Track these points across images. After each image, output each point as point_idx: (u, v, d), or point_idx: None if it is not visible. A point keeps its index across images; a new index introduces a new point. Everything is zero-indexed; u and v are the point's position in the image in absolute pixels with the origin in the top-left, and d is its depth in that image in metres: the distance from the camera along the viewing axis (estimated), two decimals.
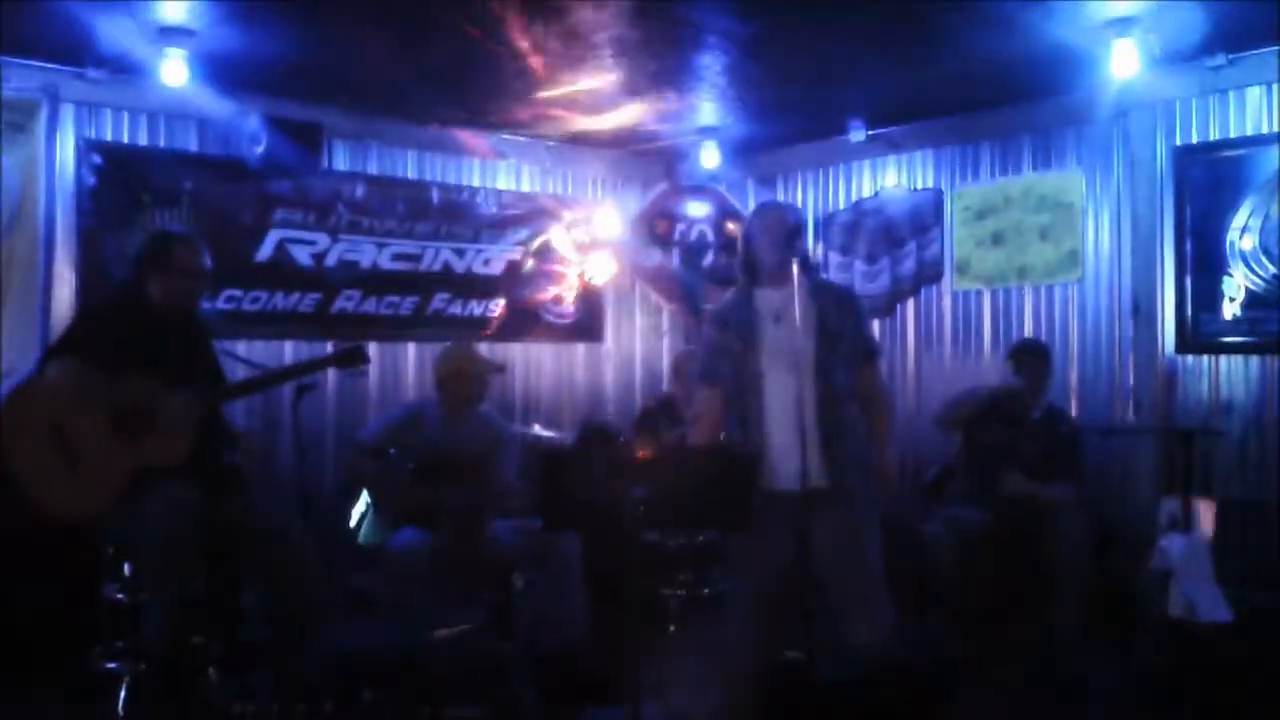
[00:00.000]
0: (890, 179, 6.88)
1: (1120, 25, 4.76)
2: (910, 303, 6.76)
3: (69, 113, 5.38)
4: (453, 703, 3.18)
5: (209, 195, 5.77)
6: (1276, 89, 5.19)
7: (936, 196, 6.63)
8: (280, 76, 5.54)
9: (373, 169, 6.46)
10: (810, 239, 7.04)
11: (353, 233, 6.33)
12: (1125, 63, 4.88)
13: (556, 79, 5.58)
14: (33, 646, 4.41)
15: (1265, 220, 5.23)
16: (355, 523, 4.95)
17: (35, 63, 5.18)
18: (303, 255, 6.17)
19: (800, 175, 7.31)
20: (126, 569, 4.08)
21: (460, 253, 6.77)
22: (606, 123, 6.51)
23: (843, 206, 7.11)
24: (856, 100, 6.07)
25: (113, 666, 4.07)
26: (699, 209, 7.36)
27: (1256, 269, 5.26)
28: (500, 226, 6.95)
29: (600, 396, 7.44)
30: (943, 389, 5.33)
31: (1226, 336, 5.38)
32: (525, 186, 7.12)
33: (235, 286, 5.85)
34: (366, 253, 6.40)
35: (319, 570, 4.10)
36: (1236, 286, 5.33)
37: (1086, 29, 4.81)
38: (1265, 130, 5.24)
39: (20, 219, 5.23)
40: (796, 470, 3.39)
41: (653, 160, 7.44)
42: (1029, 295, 6.21)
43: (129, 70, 5.24)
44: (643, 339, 7.72)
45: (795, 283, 3.56)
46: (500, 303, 6.94)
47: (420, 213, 6.60)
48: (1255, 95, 5.27)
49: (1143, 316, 5.66)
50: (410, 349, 6.58)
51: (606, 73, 5.48)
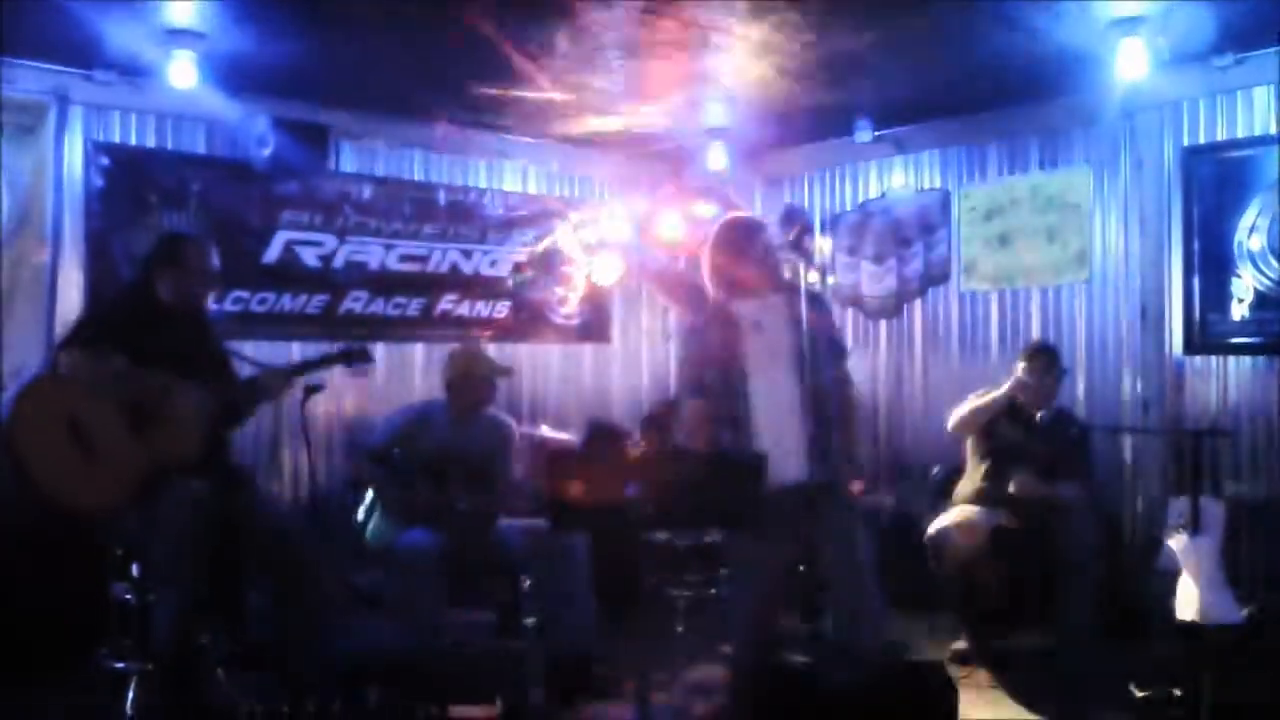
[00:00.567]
0: (897, 179, 6.87)
1: (1127, 25, 4.75)
2: (917, 303, 6.75)
3: (77, 115, 5.38)
4: (460, 703, 3.18)
5: (216, 197, 5.78)
6: None
7: (943, 197, 6.62)
8: (288, 78, 5.55)
9: (380, 170, 6.46)
10: (817, 238, 7.03)
11: (360, 234, 6.34)
12: (1133, 63, 4.87)
13: (564, 80, 5.59)
14: (41, 645, 4.42)
15: (1273, 221, 5.22)
16: (363, 523, 4.96)
17: (44, 65, 5.19)
18: (310, 256, 6.17)
19: (807, 176, 7.31)
20: (135, 568, 4.08)
21: (467, 254, 6.77)
22: (613, 124, 6.51)
23: (849, 207, 7.11)
24: (863, 101, 6.06)
25: (120, 665, 4.06)
26: (705, 211, 7.35)
27: (1265, 269, 5.25)
28: (508, 228, 6.95)
29: (607, 398, 7.44)
30: (950, 390, 5.33)
31: (1235, 337, 5.37)
32: (532, 188, 7.12)
33: (243, 288, 5.85)
34: (374, 254, 6.41)
35: (326, 570, 4.11)
36: (1245, 287, 5.31)
37: (1094, 29, 4.80)
38: (1273, 130, 5.22)
39: (29, 220, 5.25)
40: (792, 469, 3.44)
41: (660, 162, 7.44)
42: (1036, 296, 6.20)
43: (137, 72, 5.25)
44: (649, 340, 7.73)
45: (771, 288, 3.66)
46: (507, 304, 6.95)
47: (427, 214, 6.61)
48: (1263, 95, 5.26)
49: (1151, 317, 5.65)
50: (418, 350, 6.58)
51: (613, 74, 5.48)
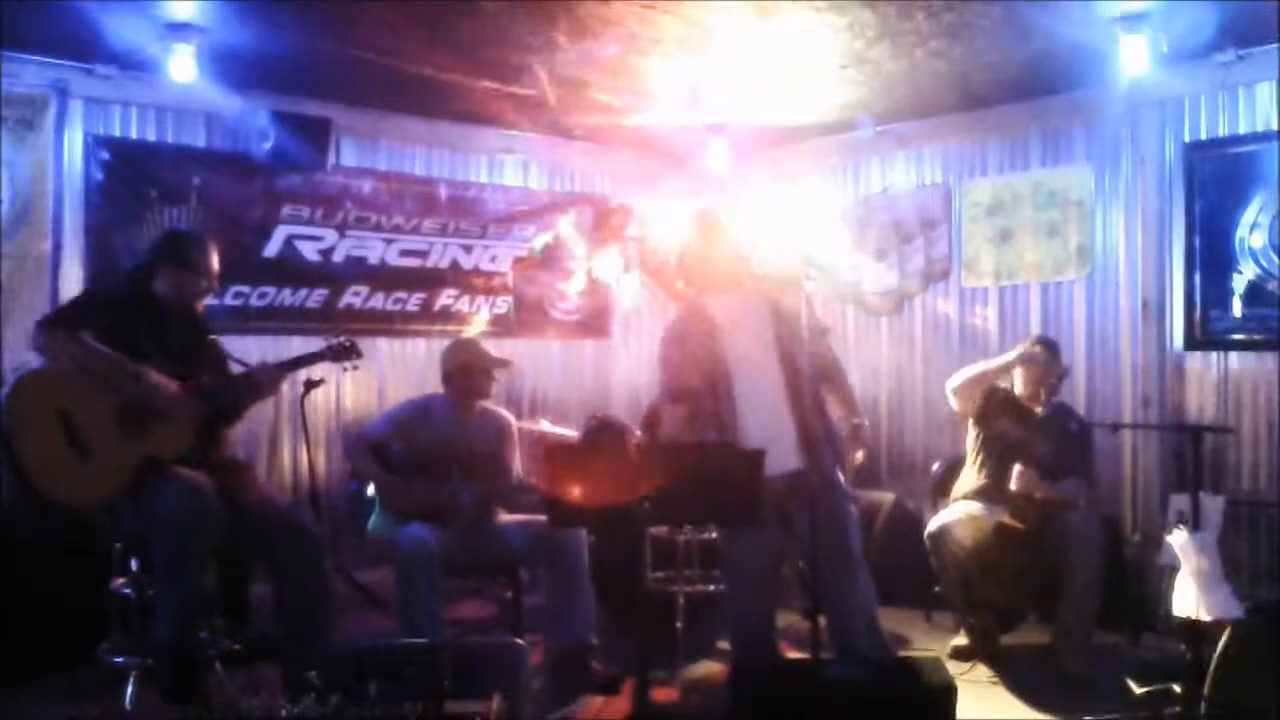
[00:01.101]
0: (899, 175, 6.87)
1: (1129, 21, 4.75)
2: (918, 299, 6.75)
3: (78, 109, 5.39)
4: (460, 698, 3.18)
5: (217, 191, 5.78)
6: None
7: (945, 193, 6.62)
8: (288, 72, 5.55)
9: (381, 165, 6.46)
10: (819, 232, 7.03)
11: (360, 228, 6.34)
12: (1134, 59, 4.87)
13: (565, 76, 5.58)
14: (42, 641, 4.42)
15: (1274, 217, 5.21)
16: (363, 517, 4.96)
17: (44, 59, 5.19)
18: (310, 251, 6.18)
19: (809, 171, 7.30)
20: (135, 564, 4.09)
21: (468, 249, 6.77)
22: (615, 119, 6.51)
23: (851, 203, 7.10)
24: (865, 96, 6.05)
25: (121, 661, 4.08)
26: (706, 206, 7.35)
27: (1266, 266, 5.25)
28: (508, 223, 6.95)
29: (608, 393, 7.44)
30: (947, 390, 5.34)
31: (1236, 333, 5.36)
32: (533, 183, 7.12)
33: (243, 282, 5.86)
34: (374, 249, 6.41)
35: (327, 564, 4.11)
36: (1246, 283, 5.31)
37: (1095, 25, 4.79)
38: (1275, 126, 5.21)
39: (30, 215, 5.25)
40: (779, 459, 3.46)
41: (661, 157, 7.44)
42: (1037, 292, 6.20)
43: (138, 66, 5.25)
44: (650, 335, 7.72)
45: (745, 283, 3.66)
46: (508, 299, 6.95)
47: (428, 209, 6.61)
48: (1265, 91, 5.25)
49: (1152, 313, 5.65)
50: (419, 344, 6.59)
51: (615, 69, 5.48)
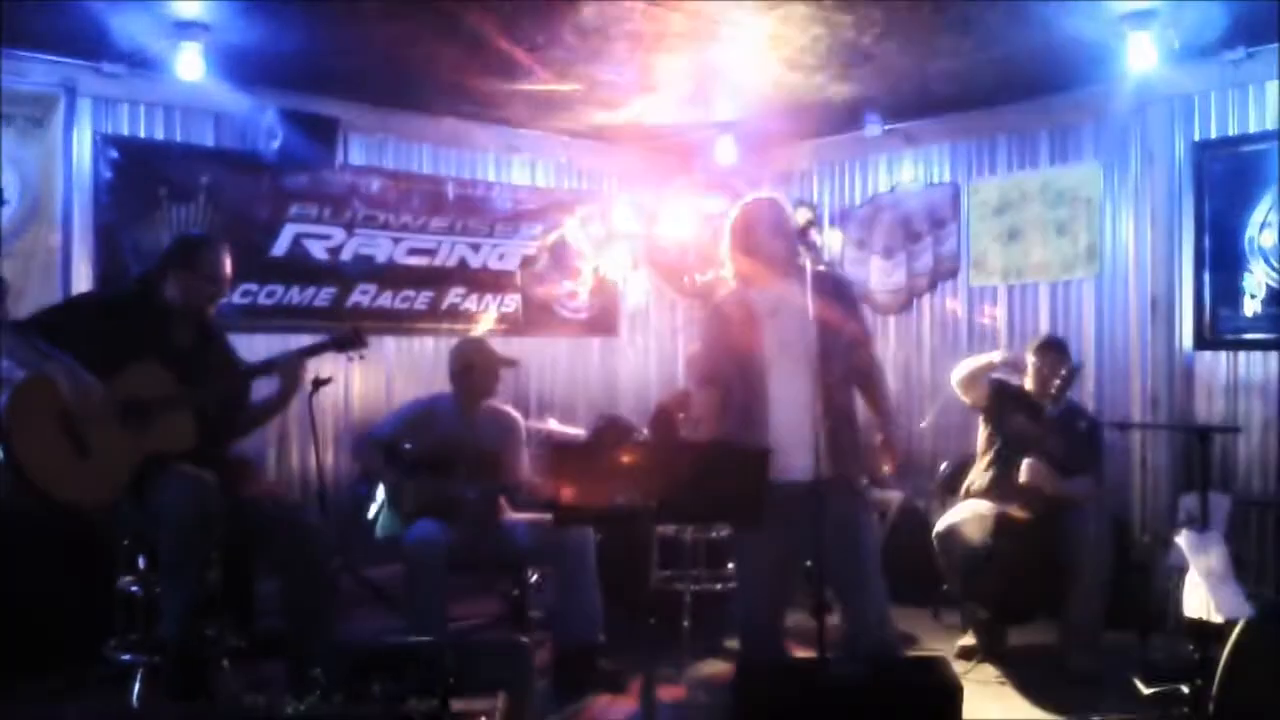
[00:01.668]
0: (906, 173, 6.86)
1: (1138, 18, 4.73)
2: (926, 298, 6.74)
3: (86, 107, 5.40)
4: (466, 695, 3.17)
5: (225, 190, 5.79)
6: None
7: (953, 191, 6.60)
8: (296, 71, 5.56)
9: (389, 164, 6.47)
10: (827, 232, 7.02)
11: (368, 227, 6.35)
12: (1143, 56, 4.85)
13: (573, 73, 5.58)
14: (48, 639, 4.44)
15: None
16: (372, 515, 4.97)
17: (52, 58, 5.20)
18: (318, 250, 6.19)
19: (816, 169, 7.29)
20: (141, 561, 4.10)
21: (476, 247, 6.78)
22: (622, 117, 6.51)
23: (859, 201, 7.09)
24: (873, 94, 6.04)
25: (127, 658, 4.09)
26: (715, 205, 7.35)
27: (1276, 265, 5.22)
28: (516, 221, 6.95)
29: (615, 391, 7.44)
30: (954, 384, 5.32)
31: (1246, 333, 5.34)
32: (541, 181, 7.13)
33: (251, 281, 5.87)
34: (382, 247, 6.41)
35: (333, 562, 4.11)
36: (1256, 283, 5.29)
37: (1104, 22, 4.78)
38: None
39: (38, 213, 5.27)
40: (803, 462, 3.38)
41: (668, 155, 7.43)
42: (1045, 291, 6.18)
43: (145, 65, 5.26)
44: (657, 334, 7.72)
45: (791, 274, 3.56)
46: (516, 297, 6.95)
47: (436, 207, 6.61)
48: (1275, 89, 5.22)
49: (1161, 312, 5.63)
50: (426, 343, 6.59)
51: (622, 67, 5.47)
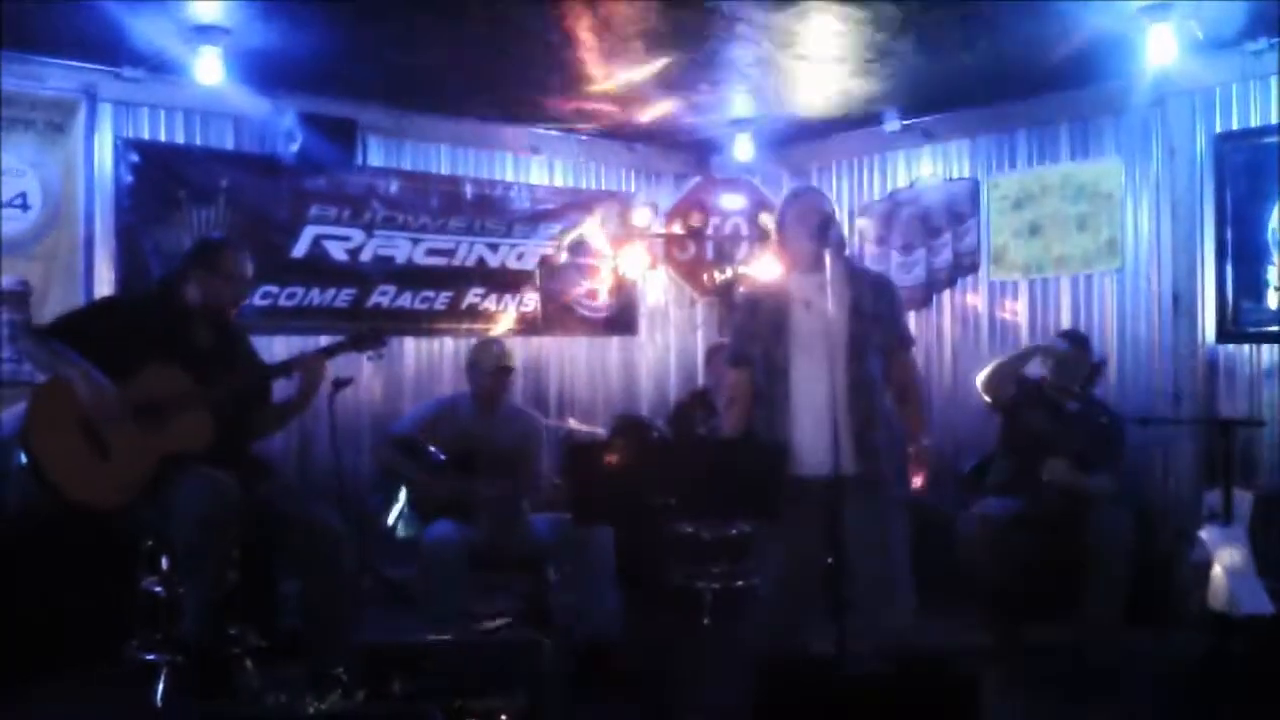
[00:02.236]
0: (926, 169, 6.83)
1: (1158, 10, 4.69)
2: (946, 293, 6.71)
3: (107, 112, 5.45)
4: (485, 694, 3.18)
5: (245, 192, 5.83)
6: None
7: (973, 186, 6.57)
8: (315, 73, 5.58)
9: (407, 164, 6.49)
10: (845, 228, 7.00)
11: (387, 228, 6.37)
12: (1163, 48, 4.80)
13: (590, 73, 5.59)
14: (72, 639, 4.47)
15: None
16: (391, 515, 4.99)
17: (73, 63, 5.25)
18: (338, 251, 6.21)
19: (835, 166, 7.27)
20: (164, 561, 4.13)
21: (494, 247, 6.79)
22: (640, 116, 6.51)
23: (878, 197, 7.07)
24: (891, 89, 6.02)
25: (150, 658, 4.11)
26: (733, 202, 7.35)
27: None
28: (534, 221, 6.96)
29: (634, 390, 7.44)
30: (976, 384, 5.30)
31: (1269, 326, 5.29)
32: (559, 181, 7.13)
33: (271, 283, 5.90)
34: (401, 248, 6.44)
35: (351, 561, 4.12)
36: (1279, 275, 5.24)
37: (1124, 14, 4.74)
38: None
39: (61, 217, 5.31)
40: (825, 457, 3.36)
41: (686, 153, 7.43)
42: (1066, 285, 6.15)
43: (165, 69, 5.29)
44: (676, 332, 7.72)
45: (828, 269, 3.53)
46: (535, 297, 6.97)
47: (454, 208, 6.63)
48: None
49: (1183, 306, 5.58)
50: (446, 343, 6.61)
51: (639, 66, 5.47)
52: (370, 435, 6.11)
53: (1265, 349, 5.31)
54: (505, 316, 6.83)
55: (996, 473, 5.14)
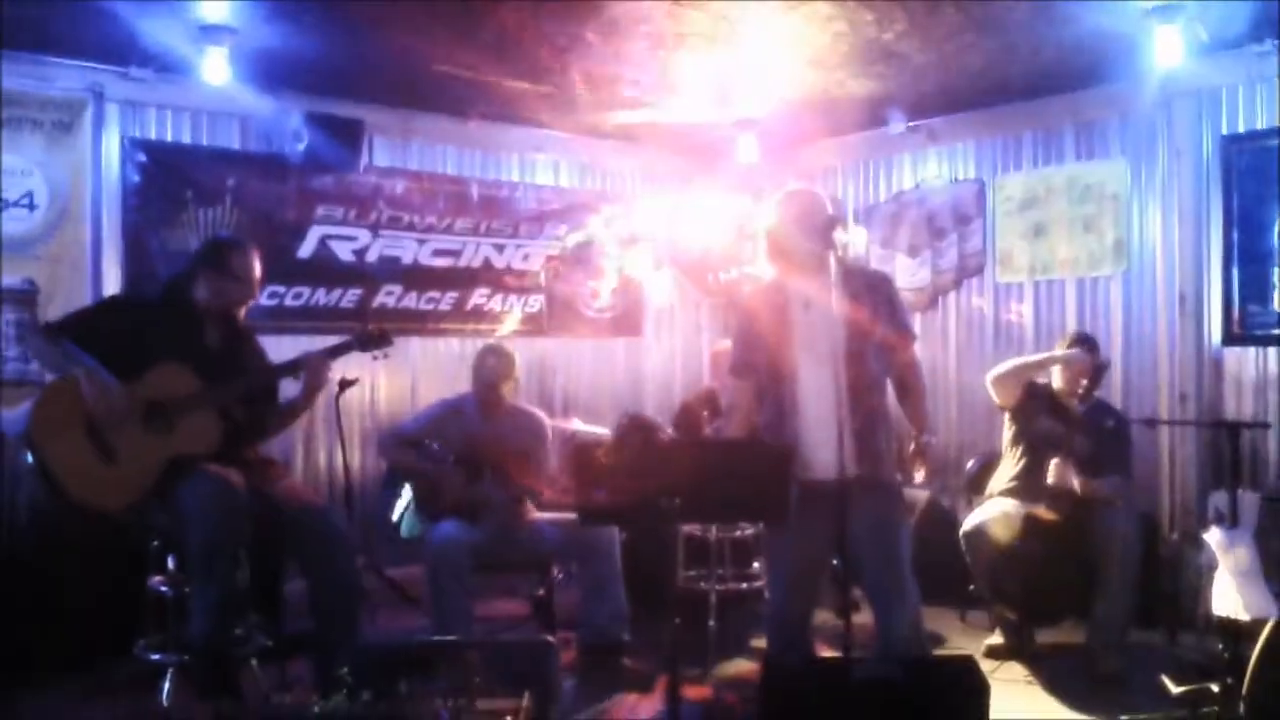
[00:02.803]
0: (931, 170, 6.83)
1: (1164, 12, 4.69)
2: (952, 295, 6.71)
3: (114, 112, 5.46)
4: (491, 695, 3.18)
5: (251, 192, 5.84)
6: None
7: (978, 187, 6.57)
8: (321, 74, 5.59)
9: (413, 165, 6.50)
10: (849, 229, 7.00)
11: (393, 228, 6.38)
12: (1170, 50, 4.80)
13: (595, 74, 5.59)
14: (80, 639, 4.48)
15: None
16: (397, 516, 5.00)
17: (80, 63, 5.26)
18: (344, 251, 6.22)
19: (840, 167, 7.27)
20: (171, 562, 4.13)
21: (500, 248, 6.80)
22: (645, 117, 6.51)
23: (883, 198, 7.07)
24: (896, 91, 6.02)
25: (157, 657, 4.12)
26: (738, 204, 7.34)
27: None
28: (540, 222, 6.97)
29: (640, 390, 7.44)
30: (984, 383, 5.28)
31: (1275, 328, 5.28)
32: (564, 182, 7.14)
33: (277, 283, 5.90)
34: (407, 248, 6.44)
35: (358, 561, 4.12)
36: None
37: (1130, 16, 4.74)
38: None
39: (68, 217, 5.32)
40: (831, 460, 3.36)
41: (691, 154, 7.43)
42: (1072, 287, 6.14)
43: (172, 69, 5.31)
44: (682, 333, 7.72)
45: (827, 269, 3.52)
46: (540, 298, 6.97)
47: (460, 208, 6.64)
48: None
49: (1189, 308, 5.58)
50: (451, 344, 6.62)
51: (645, 67, 5.47)
52: (376, 435, 6.11)
53: (1272, 351, 5.30)
54: (511, 317, 6.83)
55: (1002, 473, 5.13)
